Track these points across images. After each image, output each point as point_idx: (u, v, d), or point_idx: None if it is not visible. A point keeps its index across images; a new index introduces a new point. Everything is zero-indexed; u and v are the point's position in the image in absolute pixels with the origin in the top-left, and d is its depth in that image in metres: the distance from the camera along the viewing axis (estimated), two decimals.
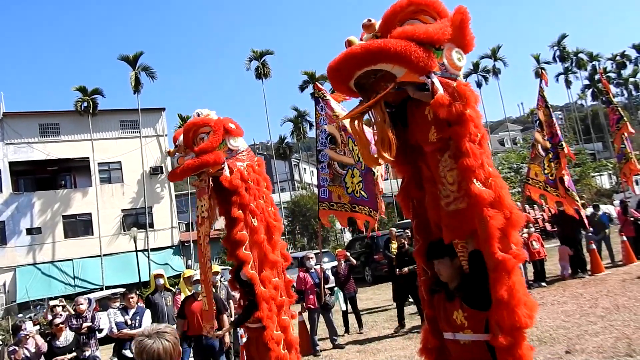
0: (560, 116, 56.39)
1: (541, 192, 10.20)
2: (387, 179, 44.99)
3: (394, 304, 9.71)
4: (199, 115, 4.79)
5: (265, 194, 4.97)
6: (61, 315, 8.38)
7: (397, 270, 9.24)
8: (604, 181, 38.76)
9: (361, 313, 10.20)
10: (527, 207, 21.40)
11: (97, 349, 8.11)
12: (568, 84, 51.67)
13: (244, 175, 4.75)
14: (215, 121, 4.67)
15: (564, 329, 7.26)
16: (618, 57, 53.02)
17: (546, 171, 9.96)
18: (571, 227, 11.32)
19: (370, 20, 2.88)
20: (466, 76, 38.48)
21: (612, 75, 52.92)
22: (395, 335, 8.97)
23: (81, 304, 8.26)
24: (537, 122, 10.58)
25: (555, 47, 50.37)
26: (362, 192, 7.13)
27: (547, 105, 10.55)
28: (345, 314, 9.72)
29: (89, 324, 7.92)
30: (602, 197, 30.30)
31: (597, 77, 46.81)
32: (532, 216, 19.63)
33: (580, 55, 50.39)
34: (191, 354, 6.99)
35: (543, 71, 11.04)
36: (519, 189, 11.76)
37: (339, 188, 7.26)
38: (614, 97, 14.00)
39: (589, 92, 52.76)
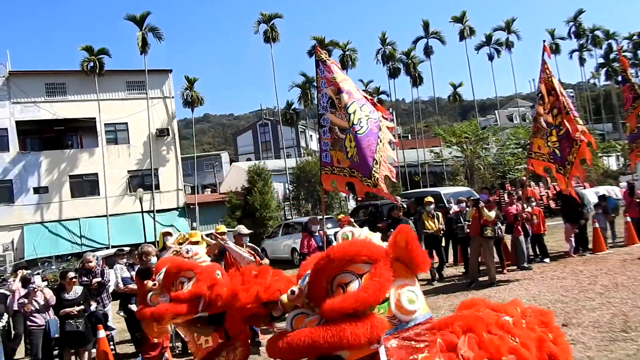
0: (571, 94, 55.57)
1: (545, 164, 10.00)
2: (393, 149, 44.42)
3: None
4: (187, 252, 4.56)
5: None
6: None
7: (389, 233, 9.48)
8: (612, 162, 38.53)
9: None
10: (532, 183, 21.39)
11: (109, 303, 8.29)
12: (582, 61, 50.69)
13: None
14: (203, 269, 4.36)
15: (562, 303, 7.38)
16: (635, 37, 51.78)
17: (549, 144, 9.75)
18: (574, 205, 11.32)
19: (293, 293, 2.47)
20: (478, 48, 37.47)
21: (628, 55, 51.71)
22: None
23: (90, 262, 8.40)
24: (539, 95, 10.34)
25: (571, 23, 49.20)
26: (355, 157, 6.98)
27: (549, 79, 10.13)
28: None
29: (98, 279, 8.08)
30: (609, 178, 30.17)
31: (612, 55, 45.84)
32: (537, 192, 19.63)
33: (597, 32, 49.18)
34: None
35: (545, 44, 10.58)
36: (526, 165, 11.65)
37: (339, 152, 7.19)
38: (631, 76, 13.54)
39: (602, 72, 51.79)
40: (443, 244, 11.31)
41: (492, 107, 62.03)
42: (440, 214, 11.06)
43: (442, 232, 11.00)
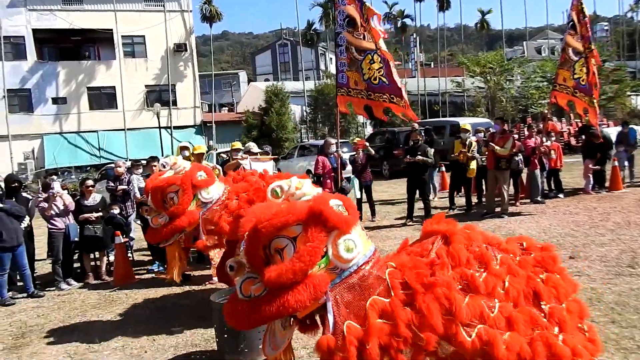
0: (606, 28, 52.68)
1: (569, 97, 9.62)
2: (414, 77, 43.11)
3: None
4: (164, 167, 4.51)
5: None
6: None
7: (407, 157, 9.45)
8: (639, 102, 37.21)
9: (375, 203, 10.48)
10: (554, 118, 20.86)
11: (132, 212, 8.46)
12: None
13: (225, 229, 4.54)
14: (182, 177, 4.36)
15: (571, 237, 7.43)
16: None
17: (576, 76, 9.32)
18: (597, 141, 11.06)
19: (232, 269, 2.40)
20: None
21: None
22: (405, 226, 9.31)
23: (119, 167, 8.55)
24: (571, 23, 9.75)
25: None
26: (383, 79, 6.78)
27: (581, 6, 9.58)
28: (359, 201, 9.88)
29: (124, 187, 8.26)
30: (635, 118, 29.29)
31: None
32: (558, 127, 19.19)
33: None
34: None
35: None
36: (549, 99, 11.29)
37: (355, 74, 6.98)
38: None
39: None
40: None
41: (521, 38, 59.26)
42: (473, 142, 10.33)
43: (465, 159, 10.49)
